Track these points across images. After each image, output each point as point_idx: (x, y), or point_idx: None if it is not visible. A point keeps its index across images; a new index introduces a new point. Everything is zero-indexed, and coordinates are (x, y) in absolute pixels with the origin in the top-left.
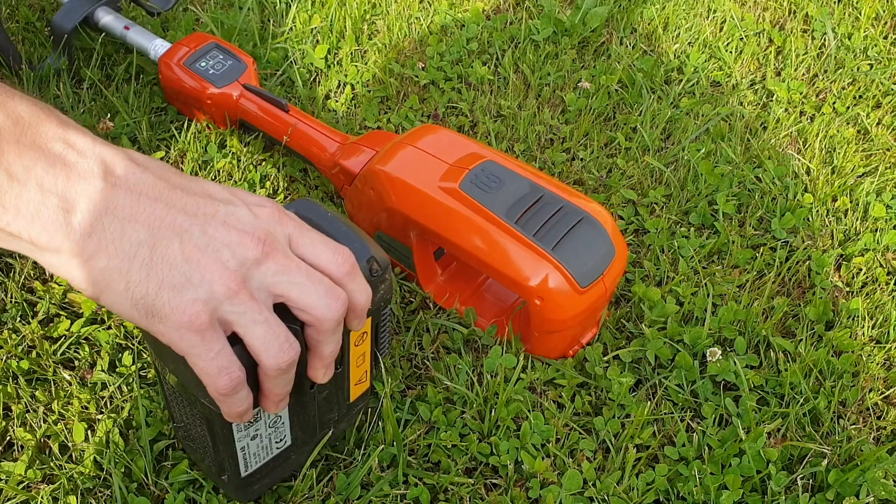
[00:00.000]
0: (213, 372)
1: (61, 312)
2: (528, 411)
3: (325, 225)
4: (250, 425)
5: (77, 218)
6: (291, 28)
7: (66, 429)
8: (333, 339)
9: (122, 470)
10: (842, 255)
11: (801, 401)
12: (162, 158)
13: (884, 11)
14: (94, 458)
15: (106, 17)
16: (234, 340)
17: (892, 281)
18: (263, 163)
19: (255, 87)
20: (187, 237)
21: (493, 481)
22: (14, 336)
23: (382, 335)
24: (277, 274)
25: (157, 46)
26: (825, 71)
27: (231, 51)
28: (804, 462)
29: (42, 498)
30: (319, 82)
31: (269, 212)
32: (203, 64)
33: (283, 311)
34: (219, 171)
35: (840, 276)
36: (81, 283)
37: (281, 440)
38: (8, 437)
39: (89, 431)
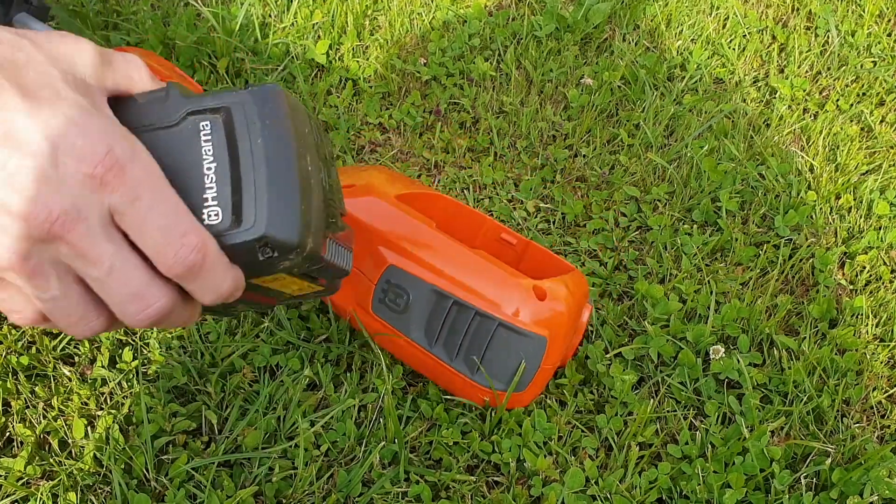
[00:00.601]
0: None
1: None
2: (531, 409)
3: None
4: None
5: None
6: (293, 23)
7: (66, 425)
8: (172, 320)
9: (123, 466)
10: (845, 253)
11: (805, 399)
12: None
13: (887, 9)
14: (94, 454)
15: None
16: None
17: None
18: None
19: None
20: None
21: (495, 479)
22: (14, 332)
23: (326, 272)
24: (71, 258)
25: None
26: (828, 68)
27: None
28: (808, 461)
29: (42, 494)
30: (321, 78)
31: (85, 171)
32: None
33: None
34: None
35: (844, 274)
36: None
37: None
38: (7, 433)
39: (89, 428)
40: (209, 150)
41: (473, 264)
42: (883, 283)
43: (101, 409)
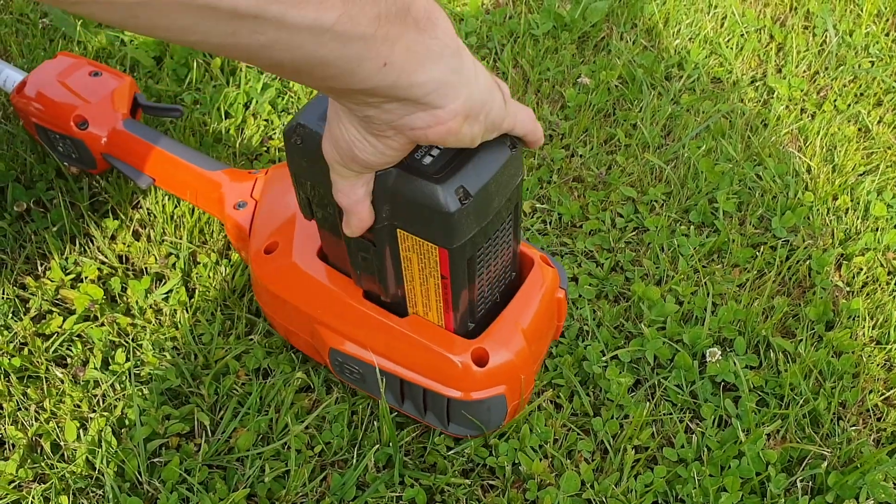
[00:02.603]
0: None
1: (54, 309)
2: (527, 415)
3: None
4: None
5: None
6: None
7: (59, 427)
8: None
9: (115, 469)
10: (842, 255)
11: (801, 402)
12: None
13: (885, 8)
14: (87, 457)
15: None
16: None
17: (893, 281)
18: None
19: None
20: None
21: (491, 483)
22: (6, 333)
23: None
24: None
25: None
26: (826, 68)
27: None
28: (804, 464)
29: (33, 498)
30: None
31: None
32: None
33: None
34: None
35: (840, 276)
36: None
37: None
38: None
39: (81, 430)
40: None
41: (406, 343)
42: (880, 285)
43: (94, 411)
